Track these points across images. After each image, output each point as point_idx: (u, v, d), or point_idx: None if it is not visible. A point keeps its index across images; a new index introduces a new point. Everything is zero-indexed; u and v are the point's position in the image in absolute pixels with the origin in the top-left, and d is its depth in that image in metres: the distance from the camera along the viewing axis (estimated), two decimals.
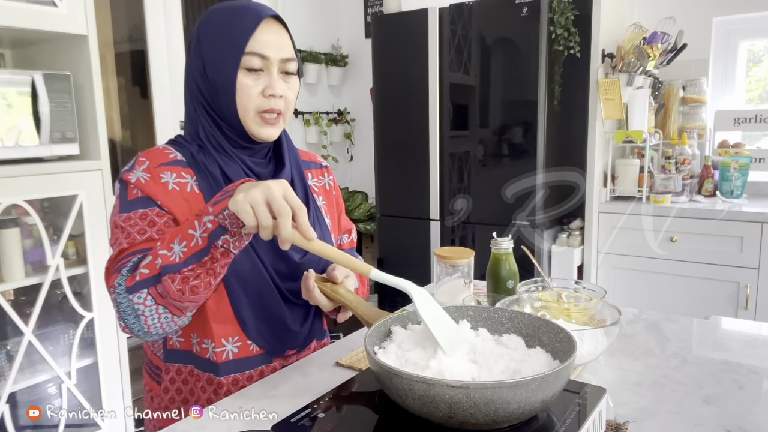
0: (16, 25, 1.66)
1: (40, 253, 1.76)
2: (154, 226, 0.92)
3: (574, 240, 2.60)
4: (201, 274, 0.84)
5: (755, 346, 1.12)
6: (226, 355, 0.98)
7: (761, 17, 2.61)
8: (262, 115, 0.96)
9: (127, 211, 0.93)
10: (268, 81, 0.95)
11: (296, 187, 1.06)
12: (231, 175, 0.97)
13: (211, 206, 0.82)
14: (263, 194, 0.77)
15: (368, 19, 3.60)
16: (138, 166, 0.96)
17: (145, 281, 0.84)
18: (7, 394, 1.70)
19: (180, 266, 0.83)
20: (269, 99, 0.95)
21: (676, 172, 2.54)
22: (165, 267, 0.83)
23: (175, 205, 0.94)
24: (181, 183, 0.95)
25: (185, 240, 0.83)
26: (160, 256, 0.83)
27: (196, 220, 0.83)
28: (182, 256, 0.83)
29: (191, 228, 0.83)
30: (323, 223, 1.09)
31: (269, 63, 0.95)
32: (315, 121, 3.54)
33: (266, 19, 0.95)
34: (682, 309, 2.39)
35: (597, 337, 0.96)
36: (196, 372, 1.01)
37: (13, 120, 1.68)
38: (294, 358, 1.05)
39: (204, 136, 0.98)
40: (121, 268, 0.89)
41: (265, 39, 0.94)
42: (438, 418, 0.67)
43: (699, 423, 0.79)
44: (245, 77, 0.94)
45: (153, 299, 0.86)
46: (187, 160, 0.98)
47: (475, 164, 2.73)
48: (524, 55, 2.52)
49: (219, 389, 0.99)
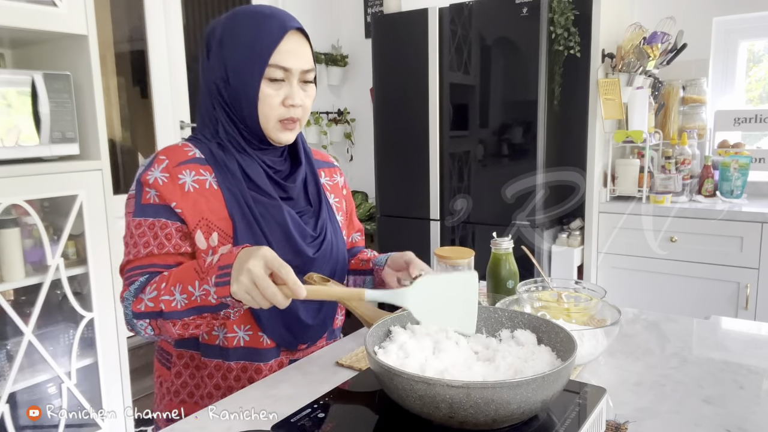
0: (16, 25, 1.65)
1: (40, 253, 1.76)
2: (157, 239, 0.95)
3: (574, 240, 2.60)
4: (201, 325, 0.90)
5: (755, 346, 1.12)
6: (237, 341, 1.01)
7: (761, 17, 2.61)
8: (282, 122, 1.00)
9: (139, 215, 0.96)
10: (289, 91, 0.98)
11: (309, 184, 1.10)
12: (250, 172, 1.00)
13: (213, 285, 0.84)
14: (249, 279, 0.79)
15: (368, 19, 3.60)
16: (157, 165, 0.98)
17: (148, 314, 0.90)
18: (7, 394, 1.70)
19: (182, 314, 0.88)
20: (289, 108, 0.99)
21: (676, 172, 2.54)
22: (166, 313, 0.88)
23: (192, 206, 0.96)
24: (200, 180, 0.98)
25: (185, 293, 0.87)
26: (162, 301, 0.88)
27: (197, 280, 0.86)
28: (184, 305, 0.87)
29: (191, 285, 0.86)
30: (335, 221, 1.12)
31: (290, 74, 0.98)
32: (315, 121, 3.54)
33: (291, 31, 0.97)
34: (682, 309, 2.38)
35: (597, 337, 0.96)
36: (203, 360, 1.03)
37: (13, 120, 1.68)
38: (302, 353, 1.06)
39: (224, 136, 1.01)
40: (130, 281, 0.95)
41: (288, 51, 0.97)
42: (438, 418, 0.67)
43: (699, 423, 0.79)
44: (267, 87, 0.97)
45: (153, 330, 0.92)
46: (206, 157, 1.00)
47: (475, 164, 2.73)
48: (524, 55, 2.52)
49: (228, 374, 1.02)
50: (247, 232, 0.97)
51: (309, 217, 1.07)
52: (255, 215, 0.98)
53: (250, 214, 0.98)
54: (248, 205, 0.98)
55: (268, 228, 0.99)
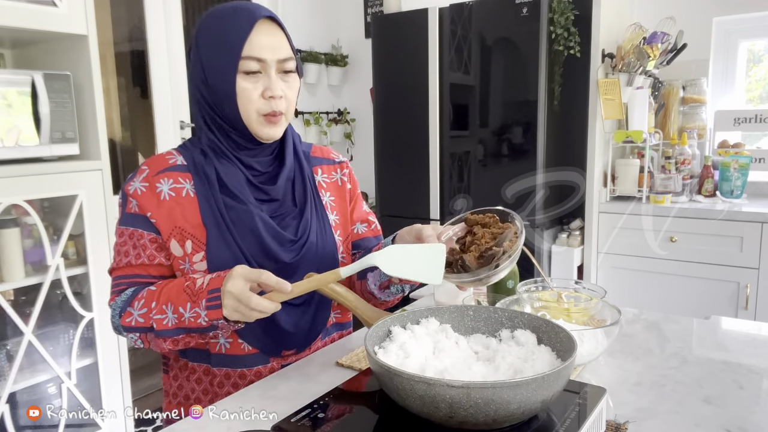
0: (16, 25, 1.65)
1: (40, 253, 1.76)
2: (135, 250, 0.98)
3: (574, 240, 2.60)
4: (191, 342, 0.93)
5: (755, 346, 1.12)
6: (219, 347, 1.01)
7: (761, 17, 2.61)
8: (265, 116, 0.97)
9: (124, 224, 0.99)
10: (267, 83, 0.96)
11: (296, 183, 1.06)
12: (226, 178, 0.99)
13: (203, 309, 0.87)
14: (232, 298, 0.84)
15: (368, 19, 3.60)
16: (139, 175, 1.00)
17: (139, 329, 0.93)
18: (7, 394, 1.70)
19: (172, 332, 0.90)
20: (269, 101, 0.96)
21: (676, 172, 2.54)
22: (158, 331, 0.91)
23: (166, 214, 0.97)
24: (177, 188, 0.99)
25: (176, 314, 0.89)
26: (154, 320, 0.91)
27: (189, 302, 0.88)
28: (174, 323, 0.90)
29: (182, 306, 0.89)
30: (324, 221, 1.08)
31: (266, 65, 0.95)
32: (315, 121, 3.54)
33: (260, 20, 0.95)
34: (682, 309, 2.38)
35: (597, 337, 0.96)
36: (190, 365, 1.03)
37: (13, 120, 1.67)
38: (293, 358, 1.05)
39: (206, 143, 1.00)
40: (117, 289, 0.98)
41: (260, 41, 0.94)
42: (438, 418, 0.67)
43: (699, 423, 0.79)
44: (244, 81, 0.95)
45: (143, 342, 0.95)
46: (188, 164, 1.01)
47: (475, 164, 2.73)
48: (524, 55, 2.52)
49: (213, 380, 1.02)
50: (220, 240, 0.96)
51: (292, 219, 1.04)
52: (227, 222, 0.97)
53: (222, 221, 0.97)
54: (221, 212, 0.97)
55: (240, 235, 0.97)
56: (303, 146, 1.12)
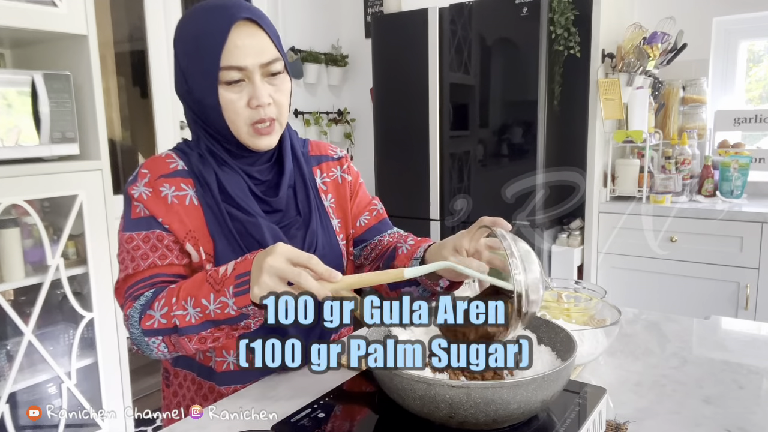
0: (16, 25, 1.65)
1: (40, 253, 1.76)
2: (157, 251, 0.91)
3: (574, 240, 2.60)
4: (220, 337, 0.83)
5: (755, 346, 1.12)
6: (226, 365, 0.97)
7: (761, 17, 2.61)
8: (255, 126, 0.91)
9: (130, 230, 0.91)
10: (252, 91, 0.89)
11: (298, 191, 1.02)
12: (228, 186, 0.94)
13: (231, 296, 0.78)
14: (272, 275, 0.74)
15: (368, 19, 3.60)
16: (140, 179, 0.93)
17: (161, 330, 0.83)
18: (7, 394, 1.70)
19: (197, 329, 0.81)
20: (257, 109, 0.89)
21: (676, 172, 2.54)
22: (181, 329, 0.81)
23: (176, 219, 0.92)
24: (179, 196, 0.93)
25: (199, 307, 0.80)
26: (176, 317, 0.81)
27: (212, 293, 0.80)
28: (198, 319, 0.81)
29: (205, 298, 0.80)
30: (328, 228, 1.04)
31: (249, 72, 0.88)
32: (315, 121, 3.54)
33: (237, 23, 0.86)
34: (682, 309, 2.38)
35: (597, 337, 0.96)
36: (197, 380, 1.01)
37: (13, 120, 1.68)
38: None
39: (204, 147, 0.95)
40: (134, 297, 0.88)
41: (239, 47, 0.86)
42: (438, 418, 0.67)
43: (699, 423, 0.79)
44: (227, 92, 0.88)
45: (166, 346, 0.85)
46: (189, 169, 0.95)
47: (475, 164, 2.73)
48: (524, 55, 2.52)
49: (219, 398, 0.97)
50: (228, 251, 0.92)
51: (297, 229, 1.00)
52: (234, 234, 0.92)
53: (229, 232, 0.92)
54: (227, 222, 0.92)
55: (248, 247, 0.92)
56: (300, 144, 1.07)
